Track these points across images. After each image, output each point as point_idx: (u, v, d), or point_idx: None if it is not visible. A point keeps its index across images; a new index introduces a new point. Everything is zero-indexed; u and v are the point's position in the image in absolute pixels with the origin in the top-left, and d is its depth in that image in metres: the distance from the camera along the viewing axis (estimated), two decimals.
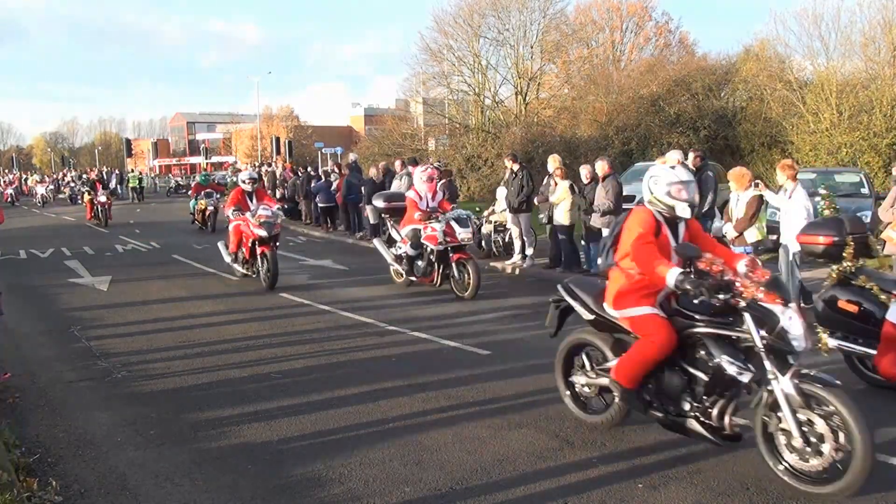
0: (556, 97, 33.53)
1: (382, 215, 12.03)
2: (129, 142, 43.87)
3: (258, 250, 10.62)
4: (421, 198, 10.28)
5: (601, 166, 10.45)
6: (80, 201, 34.61)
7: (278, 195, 22.87)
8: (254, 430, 5.10)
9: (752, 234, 8.60)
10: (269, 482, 4.29)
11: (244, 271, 11.16)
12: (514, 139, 27.50)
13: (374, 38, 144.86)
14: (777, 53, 23.52)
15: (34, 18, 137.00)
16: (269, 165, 26.12)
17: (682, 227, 4.63)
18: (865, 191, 13.10)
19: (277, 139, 38.46)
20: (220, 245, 11.85)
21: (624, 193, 11.00)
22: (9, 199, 36.31)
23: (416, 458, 4.58)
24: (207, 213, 19.61)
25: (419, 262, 10.16)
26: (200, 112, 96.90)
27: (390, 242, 11.20)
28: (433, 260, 9.93)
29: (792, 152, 19.82)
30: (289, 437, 4.96)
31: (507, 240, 12.88)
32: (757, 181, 8.80)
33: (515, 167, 12.07)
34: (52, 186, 40.34)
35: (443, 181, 14.19)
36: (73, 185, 38.88)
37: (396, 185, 15.13)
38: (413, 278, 10.34)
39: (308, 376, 6.33)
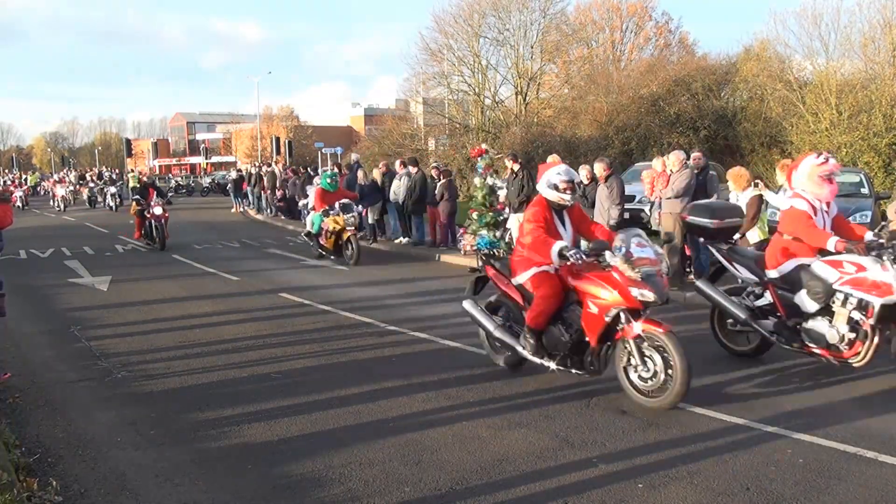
0: (556, 97, 33.55)
1: (704, 242, 7.43)
2: (129, 142, 43.78)
3: (632, 330, 5.30)
4: (815, 211, 6.01)
5: (600, 167, 10.41)
6: (100, 205, 31.04)
7: (279, 195, 22.94)
8: (254, 430, 5.10)
9: (755, 235, 8.62)
10: (269, 482, 4.29)
11: (578, 370, 5.76)
12: (514, 139, 27.49)
13: (377, 38, 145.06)
14: (777, 53, 23.55)
15: (34, 19, 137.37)
16: (269, 165, 26.05)
17: None
18: (865, 191, 13.10)
19: (277, 139, 38.43)
20: (485, 319, 6.32)
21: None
22: (17, 203, 30.32)
23: (416, 458, 4.58)
24: (346, 235, 13.12)
25: (824, 324, 5.75)
26: (200, 112, 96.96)
27: (713, 278, 6.87)
28: (867, 322, 5.50)
29: (792, 152, 19.80)
30: (289, 437, 4.95)
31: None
32: (757, 181, 8.81)
33: (515, 167, 12.08)
34: (71, 188, 35.13)
35: (442, 181, 14.24)
36: (92, 185, 34.41)
37: (396, 186, 15.14)
38: (815, 352, 5.92)
39: (308, 376, 6.33)
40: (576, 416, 5.25)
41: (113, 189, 30.39)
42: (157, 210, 15.58)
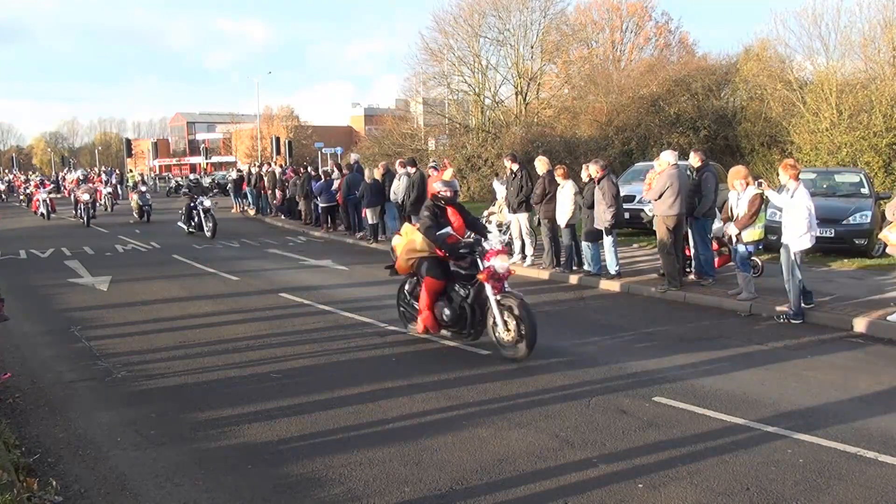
0: (556, 97, 33.53)
1: None
2: (129, 142, 43.86)
3: None
4: None
5: (594, 169, 10.38)
6: (146, 218, 22.72)
7: (279, 195, 22.94)
8: (254, 430, 5.10)
9: (750, 234, 8.61)
10: (269, 482, 4.29)
11: None
12: (514, 139, 27.48)
13: (381, 38, 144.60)
14: (777, 53, 23.52)
15: (34, 19, 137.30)
16: (269, 165, 26.04)
17: None
18: (865, 191, 13.09)
19: (277, 139, 38.49)
20: None
21: (624, 193, 10.94)
22: (39, 210, 24.64)
23: (416, 458, 4.58)
24: None
25: None
26: (200, 112, 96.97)
27: None
28: None
29: (792, 152, 19.82)
30: (289, 437, 4.95)
31: (507, 239, 12.87)
32: (760, 180, 8.84)
33: (515, 167, 12.06)
34: (109, 190, 27.90)
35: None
36: (143, 188, 24.88)
37: (395, 185, 15.14)
38: None
39: (308, 376, 6.33)
40: (576, 416, 5.26)
41: (207, 201, 18.44)
42: (499, 264, 6.69)
